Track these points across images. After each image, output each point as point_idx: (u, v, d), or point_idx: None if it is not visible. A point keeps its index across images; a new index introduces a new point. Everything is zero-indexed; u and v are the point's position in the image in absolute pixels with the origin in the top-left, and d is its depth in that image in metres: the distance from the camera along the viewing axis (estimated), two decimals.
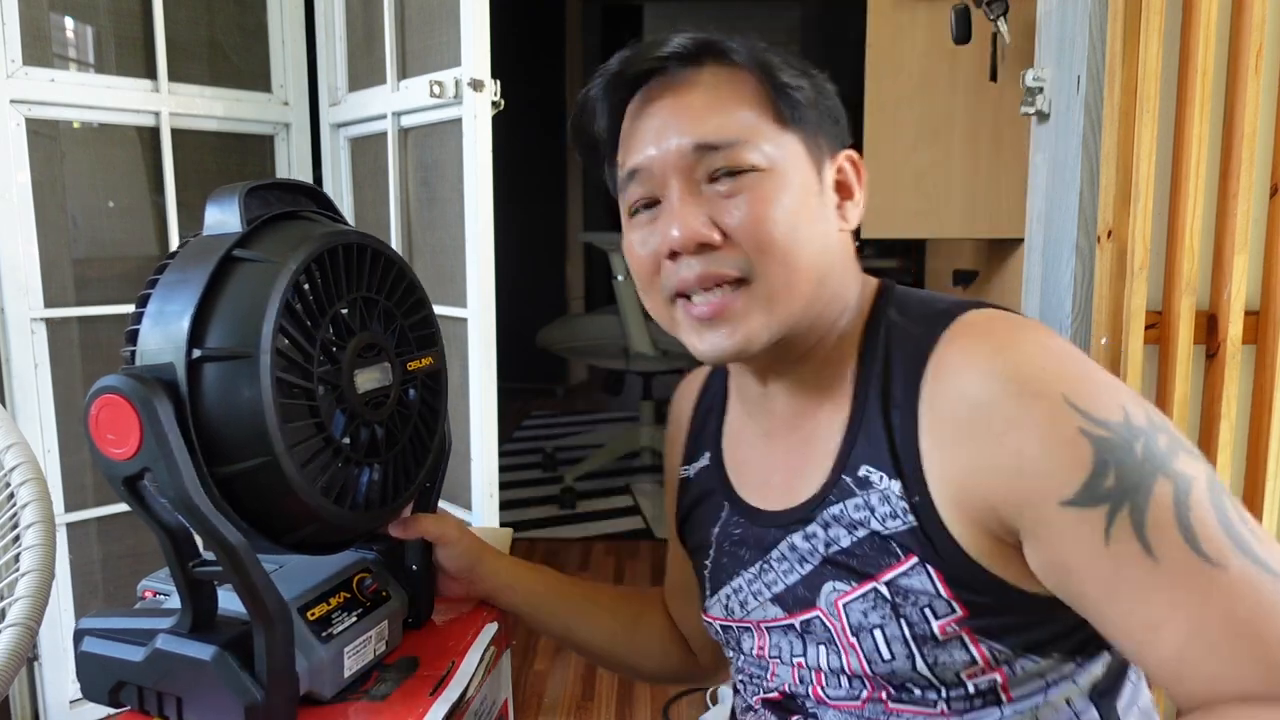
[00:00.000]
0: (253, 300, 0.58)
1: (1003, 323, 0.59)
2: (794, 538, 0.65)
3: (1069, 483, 0.52)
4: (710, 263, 0.60)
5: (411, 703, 0.66)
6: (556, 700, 1.74)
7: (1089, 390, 0.53)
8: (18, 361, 1.46)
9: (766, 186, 0.59)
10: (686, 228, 0.59)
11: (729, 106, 0.60)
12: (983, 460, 0.55)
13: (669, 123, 0.61)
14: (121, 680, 0.64)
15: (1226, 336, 1.20)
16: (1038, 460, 0.53)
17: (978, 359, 0.56)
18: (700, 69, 0.62)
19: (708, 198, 0.60)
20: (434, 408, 0.73)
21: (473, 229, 1.44)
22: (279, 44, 1.76)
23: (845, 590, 0.61)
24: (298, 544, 0.64)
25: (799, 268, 0.60)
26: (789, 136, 0.61)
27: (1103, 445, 0.51)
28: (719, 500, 0.72)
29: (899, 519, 0.59)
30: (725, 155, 0.59)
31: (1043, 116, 1.28)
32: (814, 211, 0.61)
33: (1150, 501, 0.50)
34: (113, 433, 0.56)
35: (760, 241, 0.59)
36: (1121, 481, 0.51)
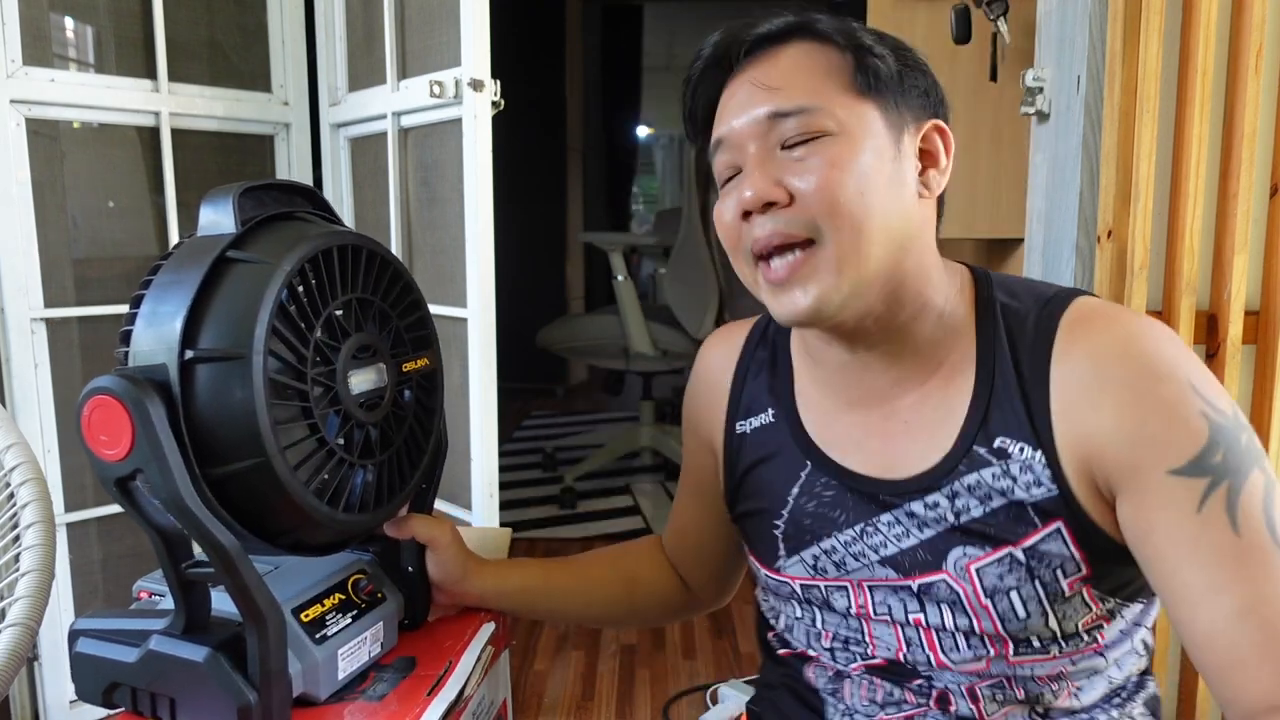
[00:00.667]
0: (246, 301, 0.57)
1: (1122, 311, 0.64)
2: (913, 505, 0.67)
3: (1182, 454, 0.58)
4: (778, 222, 0.63)
5: (409, 703, 0.66)
6: (556, 700, 1.74)
7: (1208, 382, 0.60)
8: (18, 361, 1.46)
9: (836, 150, 0.62)
10: (755, 187, 0.63)
11: (805, 76, 0.63)
12: (1109, 426, 0.60)
13: (749, 95, 0.64)
14: (115, 681, 0.64)
15: (1226, 336, 1.19)
16: (1160, 431, 0.59)
17: (1110, 339, 0.61)
18: (786, 45, 0.65)
19: (781, 162, 0.63)
20: (429, 409, 0.73)
21: (473, 229, 1.44)
22: (279, 44, 1.76)
23: (978, 555, 0.65)
24: (292, 545, 0.64)
25: (868, 230, 0.62)
26: (865, 104, 0.63)
27: (1217, 428, 0.58)
28: (796, 459, 0.73)
29: (1044, 486, 0.63)
30: (797, 121, 0.62)
31: (1043, 116, 1.28)
32: (887, 177, 0.63)
33: (1245, 484, 0.57)
34: (105, 433, 0.56)
35: (827, 202, 0.61)
36: (1227, 462, 0.58)
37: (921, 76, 0.67)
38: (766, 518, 0.74)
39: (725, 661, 1.88)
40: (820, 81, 0.63)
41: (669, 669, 1.85)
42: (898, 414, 0.68)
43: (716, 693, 1.65)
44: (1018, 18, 1.61)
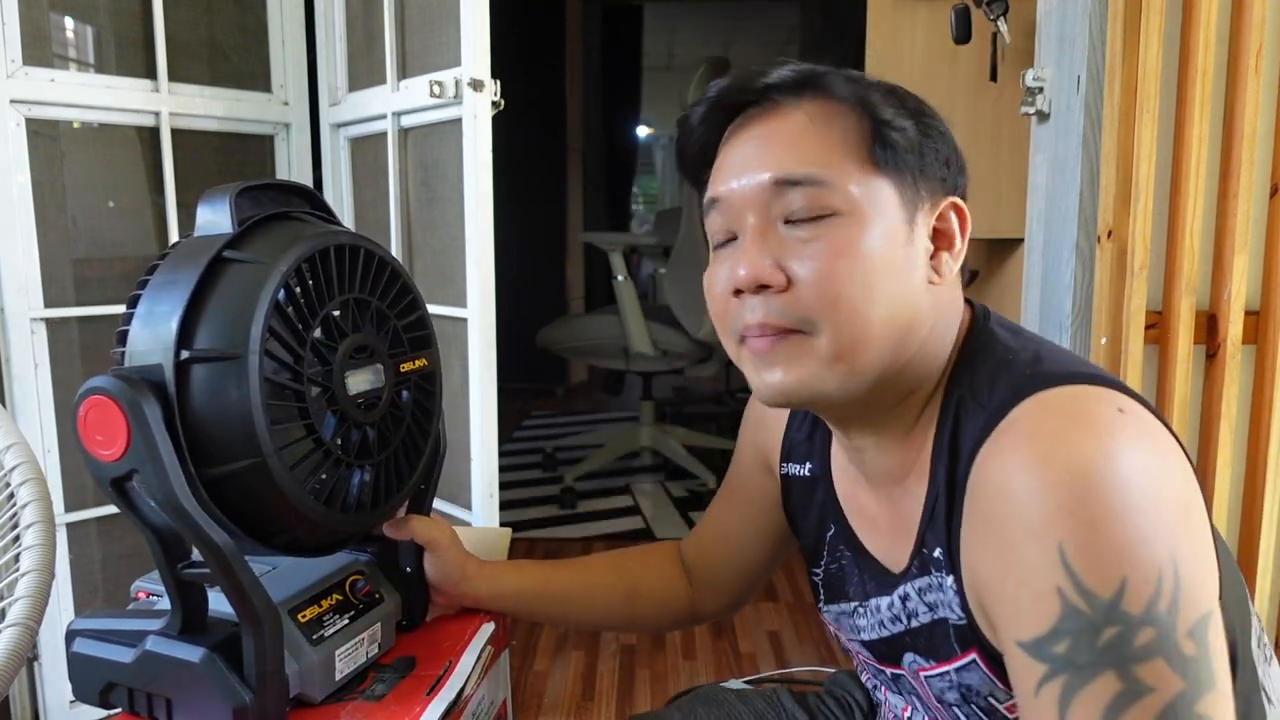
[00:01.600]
0: (242, 301, 0.57)
1: (1061, 421, 0.51)
2: (880, 600, 0.66)
3: (1026, 630, 0.49)
4: (770, 309, 0.57)
5: (408, 703, 0.66)
6: (556, 700, 1.74)
7: (1093, 549, 0.47)
8: (18, 361, 1.46)
9: (844, 234, 0.55)
10: (751, 266, 0.56)
11: (816, 141, 0.57)
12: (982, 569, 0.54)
13: (754, 154, 0.58)
14: (112, 681, 0.64)
15: (1226, 336, 1.19)
16: (1012, 596, 0.51)
17: (1011, 465, 0.51)
18: (798, 100, 0.59)
19: (781, 239, 0.57)
20: (427, 409, 0.73)
21: (473, 229, 1.44)
22: (279, 44, 1.76)
23: (925, 665, 0.63)
24: (288, 546, 0.64)
25: (869, 326, 0.56)
26: (880, 180, 0.57)
27: (1070, 614, 0.47)
28: (825, 519, 0.72)
29: (955, 612, 0.58)
30: (805, 194, 0.56)
31: (1043, 116, 1.28)
32: (896, 264, 0.56)
33: (1086, 688, 0.47)
34: (101, 434, 0.56)
35: (828, 295, 0.55)
36: (1070, 655, 0.47)
37: (943, 144, 0.60)
38: (810, 560, 0.76)
39: (725, 661, 1.88)
40: (833, 149, 0.56)
41: (669, 669, 1.84)
42: (894, 499, 0.64)
43: None
44: (1018, 18, 1.61)
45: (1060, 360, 0.58)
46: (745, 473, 0.84)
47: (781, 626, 2.03)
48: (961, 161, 0.61)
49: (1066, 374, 0.55)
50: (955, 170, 0.61)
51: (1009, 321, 0.64)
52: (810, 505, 0.74)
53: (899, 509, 0.64)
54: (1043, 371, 0.56)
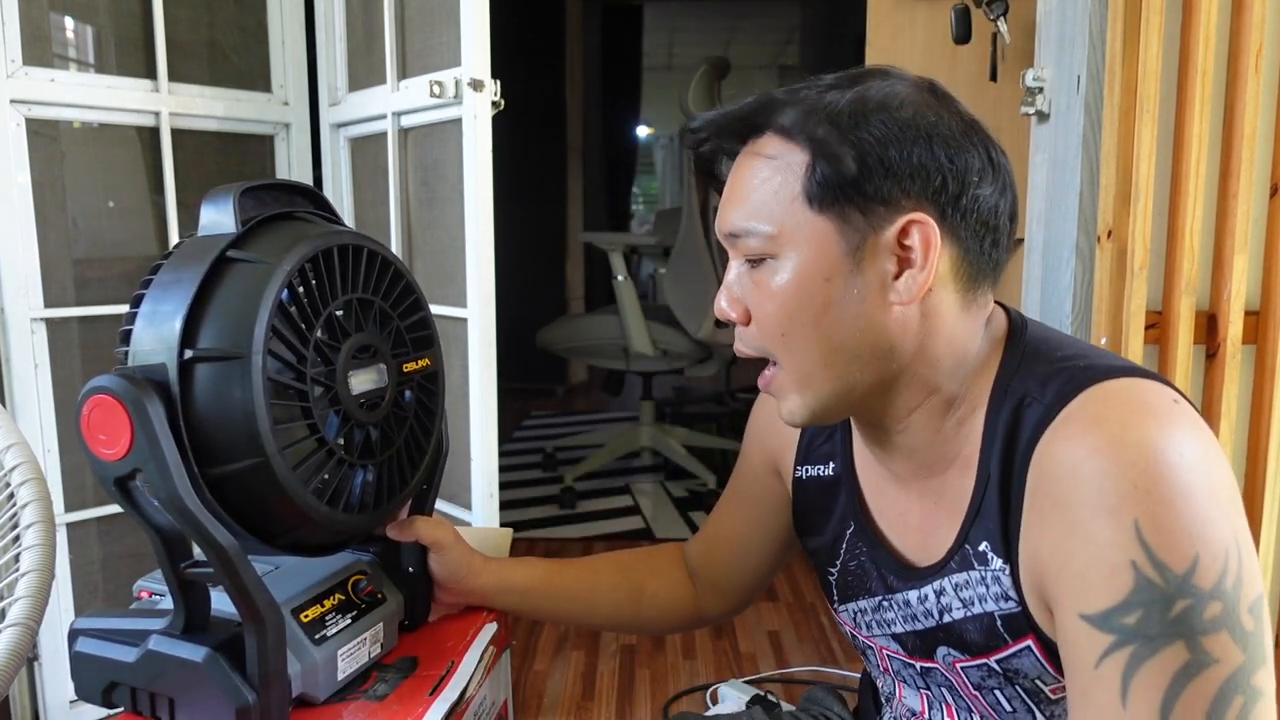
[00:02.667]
0: (245, 301, 0.57)
1: (1124, 408, 0.54)
2: (910, 594, 0.66)
3: (1095, 602, 0.52)
4: (739, 339, 0.64)
5: (411, 703, 0.66)
6: (556, 700, 1.74)
7: (1167, 525, 0.50)
8: (18, 361, 1.46)
9: (781, 278, 0.59)
10: (717, 305, 0.64)
11: (762, 189, 0.60)
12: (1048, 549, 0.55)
13: (724, 202, 0.63)
14: (115, 681, 0.64)
15: (1226, 336, 1.19)
16: (1082, 572, 0.53)
17: (1080, 449, 0.53)
18: (760, 137, 0.62)
19: (744, 278, 0.63)
20: (430, 409, 0.73)
21: (473, 229, 1.44)
22: (279, 44, 1.76)
23: (961, 658, 0.64)
24: (291, 545, 0.64)
25: (817, 354, 0.60)
26: (818, 219, 0.58)
27: (1145, 587, 0.50)
28: (845, 517, 0.73)
29: (1011, 601, 0.59)
30: (744, 245, 0.61)
31: (1043, 116, 1.28)
32: (835, 298, 0.58)
33: (1154, 658, 0.49)
34: (104, 433, 0.56)
35: (772, 332, 0.61)
36: (1140, 626, 0.50)
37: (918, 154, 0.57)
38: (823, 560, 0.76)
39: (725, 661, 1.88)
40: (772, 196, 0.59)
41: (669, 669, 1.84)
42: (932, 490, 0.66)
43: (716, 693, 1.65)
44: (1018, 18, 1.61)
45: (1108, 357, 0.60)
46: (752, 476, 0.84)
47: (781, 626, 2.04)
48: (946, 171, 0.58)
49: (1119, 368, 0.57)
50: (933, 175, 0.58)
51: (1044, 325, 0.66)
52: (832, 506, 0.75)
53: (938, 503, 0.65)
54: (1096, 365, 0.58)
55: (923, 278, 0.58)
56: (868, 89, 0.59)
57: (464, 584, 0.78)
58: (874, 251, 0.58)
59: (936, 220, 0.58)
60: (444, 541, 0.77)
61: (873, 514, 0.71)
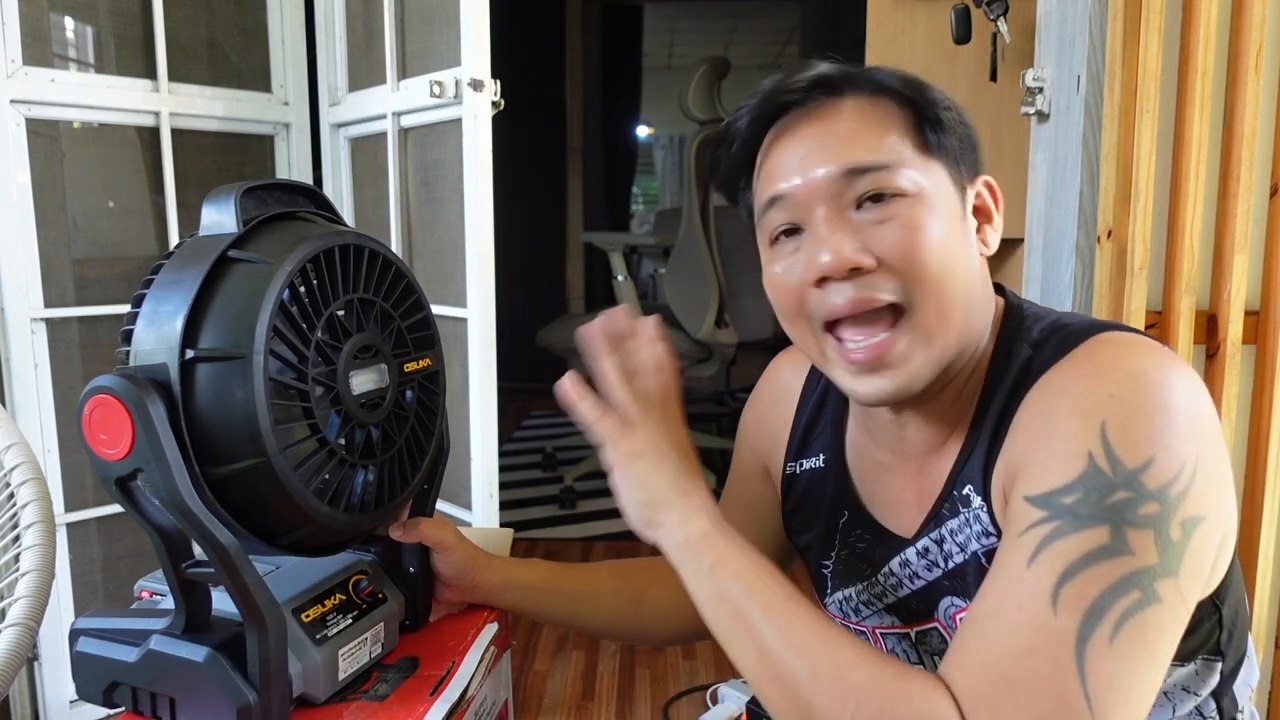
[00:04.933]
0: (247, 301, 0.57)
1: (1120, 345, 0.57)
2: (907, 553, 0.67)
3: (1042, 484, 0.53)
4: (863, 287, 0.58)
5: (412, 703, 0.66)
6: (556, 700, 1.74)
7: (1131, 426, 0.52)
8: (18, 361, 1.46)
9: (917, 212, 0.58)
10: (838, 253, 0.58)
11: (876, 132, 0.60)
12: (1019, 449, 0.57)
13: (814, 148, 0.60)
14: (115, 681, 0.64)
15: (1226, 336, 1.20)
16: (1040, 458, 0.54)
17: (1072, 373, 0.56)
18: (842, 98, 0.61)
19: (856, 224, 0.59)
20: (431, 409, 0.73)
21: (473, 229, 1.44)
22: (279, 44, 1.76)
23: (961, 606, 0.64)
24: (292, 545, 0.64)
25: (952, 296, 0.59)
26: (934, 163, 0.60)
27: (1092, 473, 0.51)
28: (838, 507, 0.73)
29: (991, 536, 0.60)
30: (873, 179, 0.59)
31: (1043, 116, 1.28)
32: (961, 238, 0.61)
33: (1074, 535, 0.50)
34: (105, 433, 0.56)
35: (915, 268, 0.58)
36: (1074, 506, 0.51)
37: (968, 130, 0.64)
38: (815, 555, 0.76)
39: (725, 661, 1.88)
40: (888, 137, 0.60)
41: (669, 669, 1.84)
42: (930, 467, 0.67)
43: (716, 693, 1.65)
44: (1018, 18, 1.61)
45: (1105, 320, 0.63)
46: (744, 482, 0.85)
47: None
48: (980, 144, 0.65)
49: (1120, 325, 0.60)
50: (979, 153, 0.65)
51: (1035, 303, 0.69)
52: (822, 495, 0.75)
53: (930, 475, 0.66)
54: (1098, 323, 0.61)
55: (998, 231, 0.65)
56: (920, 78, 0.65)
57: (469, 580, 0.78)
58: (968, 202, 0.63)
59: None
60: (448, 541, 0.77)
61: (865, 500, 0.72)
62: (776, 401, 0.81)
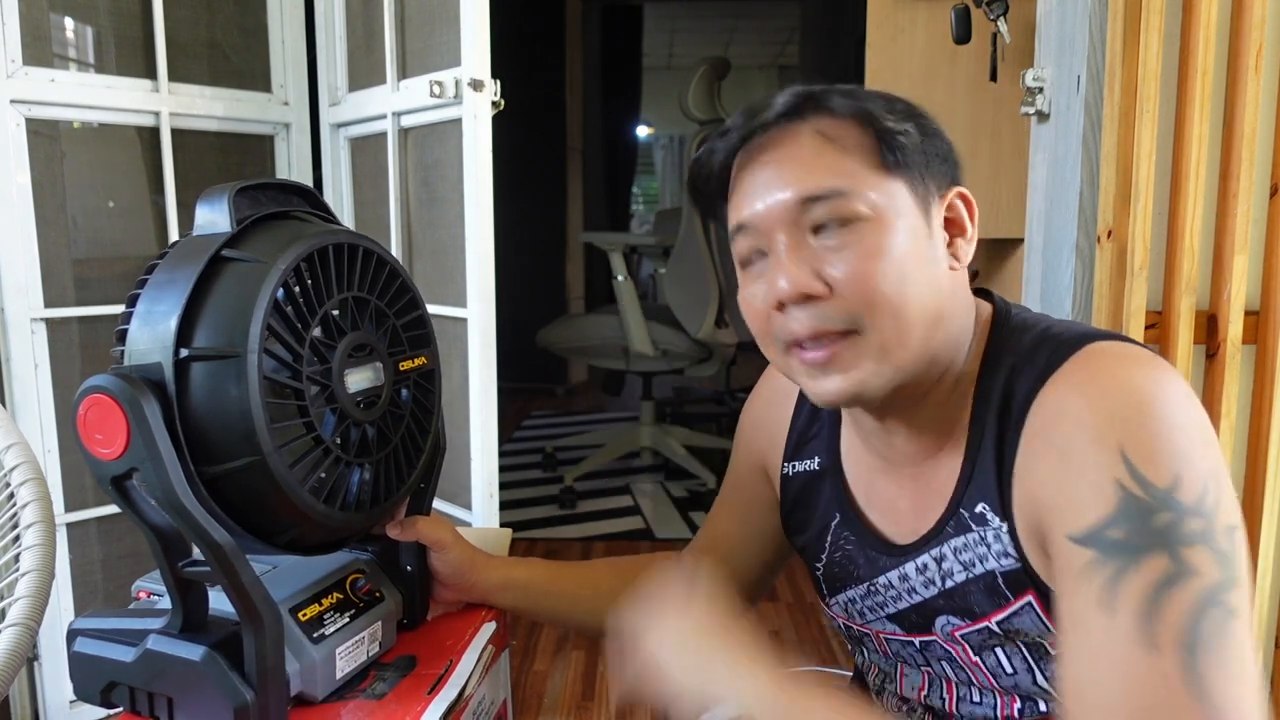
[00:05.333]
0: (241, 300, 0.57)
1: (1115, 359, 0.58)
2: (906, 567, 0.67)
3: (1081, 521, 0.54)
4: (816, 316, 0.60)
5: (409, 702, 0.66)
6: (556, 700, 1.74)
7: (1151, 448, 0.53)
8: (18, 361, 1.46)
9: (872, 237, 0.59)
10: (792, 281, 0.60)
11: (831, 157, 0.60)
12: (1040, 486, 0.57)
13: (773, 177, 0.61)
14: (113, 681, 0.64)
15: (1226, 336, 1.19)
16: (1072, 494, 0.55)
17: (1071, 393, 0.57)
18: (803, 122, 0.62)
19: (814, 250, 0.60)
20: (427, 408, 0.73)
21: (473, 229, 1.44)
22: (279, 44, 1.76)
23: (960, 624, 0.65)
24: (289, 544, 0.64)
25: (909, 317, 0.60)
26: (894, 183, 0.61)
27: (1128, 502, 0.52)
28: (830, 509, 0.74)
29: (1010, 557, 0.61)
30: (829, 206, 0.59)
31: (1043, 116, 1.28)
32: (922, 256, 0.61)
33: (1136, 568, 0.51)
34: (100, 432, 0.56)
35: (867, 295, 0.59)
36: (1124, 539, 0.52)
37: (939, 140, 0.64)
38: (809, 557, 0.77)
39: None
40: (846, 161, 0.60)
41: None
42: (923, 476, 0.67)
43: None
44: (1018, 18, 1.61)
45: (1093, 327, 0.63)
46: (742, 480, 0.85)
47: (782, 627, 2.03)
48: (956, 154, 0.65)
49: (1106, 334, 0.61)
50: (953, 163, 0.65)
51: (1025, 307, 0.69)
52: (816, 499, 0.76)
53: (928, 484, 0.66)
54: (1084, 331, 0.61)
55: (970, 244, 0.64)
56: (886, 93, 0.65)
57: (466, 580, 0.79)
58: (935, 217, 0.63)
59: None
60: (445, 540, 0.77)
61: (860, 504, 0.72)
62: (774, 403, 0.82)
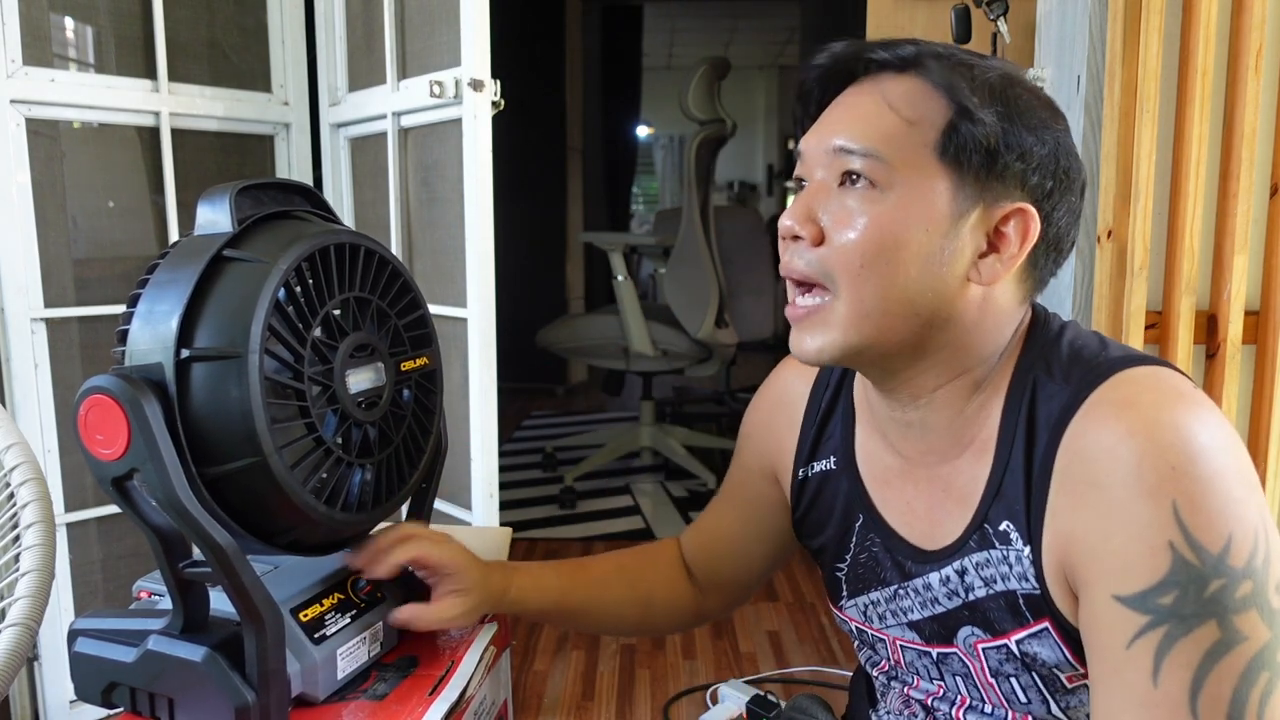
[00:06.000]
0: (242, 300, 0.57)
1: (1154, 393, 0.56)
2: (930, 577, 0.67)
3: (1132, 583, 0.53)
4: (799, 259, 0.61)
5: (410, 702, 0.66)
6: (556, 700, 1.74)
7: (1204, 506, 0.52)
8: (18, 361, 1.46)
9: (882, 209, 0.58)
10: (793, 216, 0.61)
11: (891, 120, 0.59)
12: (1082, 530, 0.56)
13: (835, 118, 0.62)
14: (114, 681, 0.64)
15: (1226, 336, 1.19)
16: (1119, 550, 0.53)
17: (1115, 431, 0.55)
18: (899, 76, 0.61)
19: (834, 197, 0.60)
20: (428, 408, 0.73)
21: (473, 229, 1.44)
22: (279, 44, 1.76)
23: (984, 638, 0.64)
24: (290, 545, 0.64)
25: (886, 299, 0.58)
26: (938, 169, 0.58)
27: (1181, 567, 0.51)
28: (852, 510, 0.73)
29: (1029, 582, 0.60)
30: (862, 164, 0.59)
31: None
32: (928, 252, 0.58)
33: (1188, 636, 0.51)
34: (101, 433, 0.56)
35: (852, 261, 0.58)
36: (1177, 606, 0.51)
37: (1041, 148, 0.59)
38: (829, 558, 0.76)
39: (725, 661, 1.88)
40: (900, 130, 0.58)
41: (669, 669, 1.84)
42: (940, 479, 0.66)
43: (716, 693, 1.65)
44: (1018, 18, 1.61)
45: (1126, 348, 0.62)
46: (746, 479, 0.84)
47: (781, 627, 2.03)
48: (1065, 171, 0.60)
49: (1138, 357, 0.59)
50: (1047, 177, 0.60)
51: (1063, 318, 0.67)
52: (835, 500, 0.74)
53: (946, 490, 0.65)
54: (1116, 355, 0.60)
55: (1007, 265, 0.60)
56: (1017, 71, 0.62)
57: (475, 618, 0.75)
58: (975, 224, 0.59)
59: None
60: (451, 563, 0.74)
61: (877, 505, 0.71)
62: (782, 405, 0.80)
